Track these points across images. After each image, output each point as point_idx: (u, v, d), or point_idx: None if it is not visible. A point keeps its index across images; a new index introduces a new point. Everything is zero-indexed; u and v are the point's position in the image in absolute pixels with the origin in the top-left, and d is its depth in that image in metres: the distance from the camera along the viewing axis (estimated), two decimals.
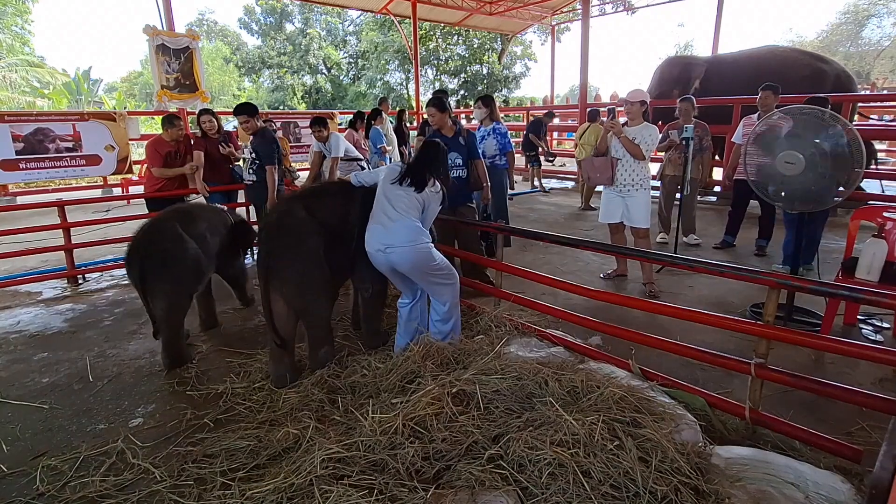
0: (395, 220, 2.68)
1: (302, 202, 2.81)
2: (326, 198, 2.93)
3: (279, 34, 27.67)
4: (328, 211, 2.83)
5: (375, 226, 2.73)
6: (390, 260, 2.67)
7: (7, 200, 8.92)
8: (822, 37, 27.06)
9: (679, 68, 8.32)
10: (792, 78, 7.05)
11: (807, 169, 2.78)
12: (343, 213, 2.88)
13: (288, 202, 2.87)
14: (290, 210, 2.77)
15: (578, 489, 1.64)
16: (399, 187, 2.76)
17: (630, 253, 3.39)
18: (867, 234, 3.22)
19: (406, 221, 2.68)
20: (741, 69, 7.56)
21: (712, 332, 3.03)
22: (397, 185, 2.76)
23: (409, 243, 2.64)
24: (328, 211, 2.83)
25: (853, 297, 1.95)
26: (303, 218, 2.73)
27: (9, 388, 2.87)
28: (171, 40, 8.25)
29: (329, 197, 2.94)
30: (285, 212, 2.78)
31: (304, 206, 2.78)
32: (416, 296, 2.97)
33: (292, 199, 2.91)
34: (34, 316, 4.02)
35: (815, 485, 1.66)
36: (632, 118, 4.02)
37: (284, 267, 2.67)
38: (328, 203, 2.88)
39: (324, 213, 2.81)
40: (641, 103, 3.98)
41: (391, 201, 2.74)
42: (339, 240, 2.81)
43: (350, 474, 1.81)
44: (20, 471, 2.16)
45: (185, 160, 5.06)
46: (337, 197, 2.94)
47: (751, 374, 2.14)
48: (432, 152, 2.89)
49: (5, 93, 15.99)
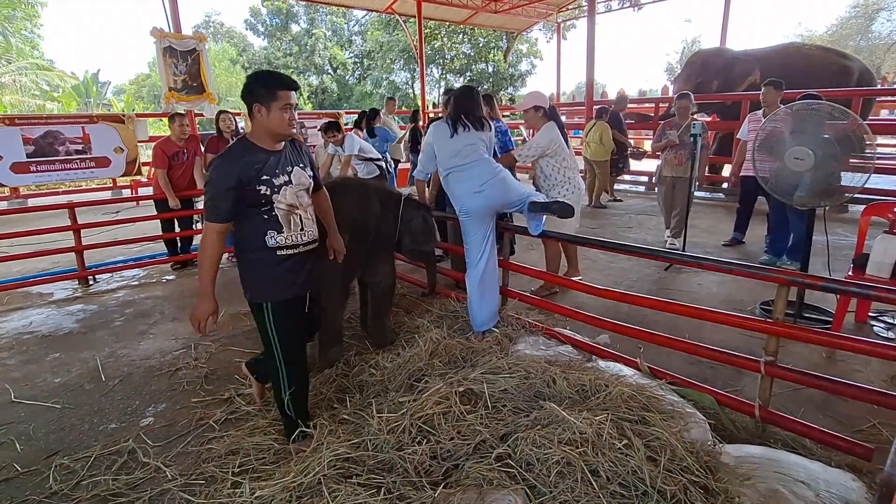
0: (476, 160, 2.91)
1: None
2: (348, 194, 2.94)
3: (285, 35, 27.78)
4: (349, 207, 2.85)
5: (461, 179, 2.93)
6: (486, 197, 2.89)
7: (18, 202, 9.01)
8: (832, 31, 26.75)
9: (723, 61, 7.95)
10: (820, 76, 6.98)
11: (817, 164, 2.75)
12: (363, 210, 2.90)
13: None
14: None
15: (587, 488, 1.64)
16: (458, 136, 2.93)
17: (637, 251, 3.36)
18: (878, 230, 3.18)
19: (481, 160, 2.93)
20: (771, 67, 7.27)
21: (721, 329, 3.01)
22: (455, 136, 2.93)
23: (493, 175, 2.92)
24: (349, 207, 2.85)
25: (864, 294, 1.93)
26: None
27: (22, 388, 2.91)
28: (178, 42, 8.30)
29: (350, 193, 2.95)
30: None
31: None
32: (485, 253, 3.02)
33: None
34: (46, 317, 4.07)
35: (826, 483, 1.64)
36: (531, 126, 3.86)
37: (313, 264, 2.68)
38: (350, 199, 2.89)
39: (345, 209, 2.82)
40: (535, 109, 3.71)
41: (460, 152, 2.93)
42: (358, 236, 2.82)
43: (359, 473, 1.82)
44: (33, 470, 2.19)
45: (192, 160, 5.11)
46: (357, 193, 2.96)
47: (761, 372, 2.12)
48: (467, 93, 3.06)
49: (16, 96, 16.17)
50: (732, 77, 7.75)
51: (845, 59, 7.46)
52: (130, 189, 10.24)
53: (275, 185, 1.98)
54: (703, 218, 6.51)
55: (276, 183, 1.98)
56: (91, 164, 9.10)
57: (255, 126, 1.99)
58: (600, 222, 6.68)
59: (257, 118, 1.96)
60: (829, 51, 7.96)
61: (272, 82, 1.95)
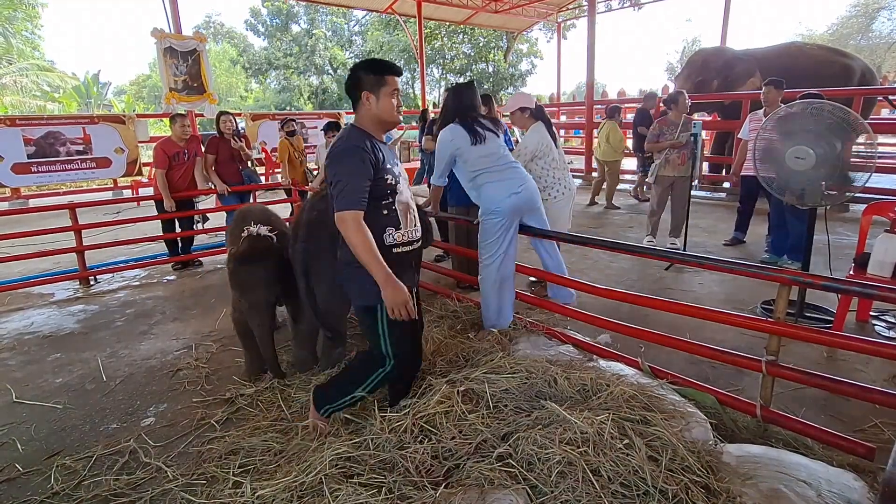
0: (511, 163, 3.00)
1: None
2: None
3: (285, 35, 27.77)
4: None
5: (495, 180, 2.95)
6: (522, 198, 2.96)
7: (20, 203, 9.02)
8: (833, 30, 26.73)
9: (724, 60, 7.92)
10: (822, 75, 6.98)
11: (819, 162, 2.75)
12: None
13: (325, 200, 2.87)
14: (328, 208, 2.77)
15: (588, 487, 1.64)
16: (485, 144, 2.95)
17: (638, 251, 3.36)
18: (880, 230, 3.18)
19: (515, 164, 3.04)
20: (771, 66, 7.27)
21: (723, 329, 3.01)
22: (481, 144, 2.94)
23: (528, 177, 3.05)
24: None
25: (865, 293, 1.93)
26: None
27: (23, 389, 2.92)
28: (178, 43, 8.32)
29: None
30: (325, 209, 2.78)
31: None
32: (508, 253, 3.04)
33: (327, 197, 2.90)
34: (47, 317, 4.07)
35: (828, 483, 1.64)
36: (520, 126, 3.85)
37: (323, 265, 2.68)
38: None
39: None
40: (521, 110, 3.71)
41: (491, 155, 2.96)
42: None
43: (360, 472, 1.82)
44: (35, 470, 2.19)
45: (193, 161, 5.11)
46: None
47: (762, 372, 2.12)
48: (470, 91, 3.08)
49: (16, 97, 16.20)
50: (733, 76, 7.73)
51: (847, 58, 7.46)
52: (131, 189, 10.26)
53: (396, 174, 1.91)
54: (703, 217, 6.51)
55: (396, 173, 1.92)
56: (92, 165, 9.12)
57: (363, 115, 1.94)
58: (601, 222, 6.68)
59: (365, 107, 1.91)
60: (830, 50, 7.96)
61: (380, 68, 1.91)
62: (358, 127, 1.95)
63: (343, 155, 1.87)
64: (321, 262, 2.65)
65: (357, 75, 1.91)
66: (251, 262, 2.66)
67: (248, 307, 2.68)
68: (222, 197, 5.37)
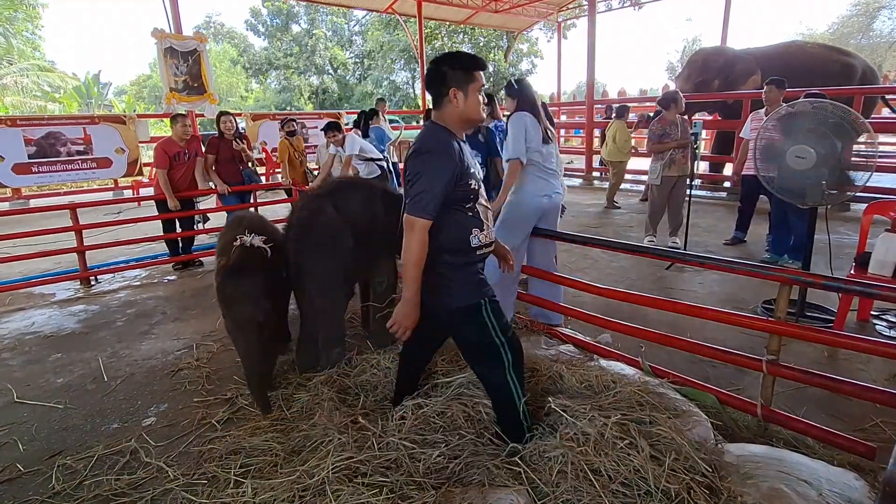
0: (556, 170, 3.20)
1: (331, 200, 2.82)
2: (354, 196, 2.94)
3: (285, 35, 27.78)
4: (356, 209, 2.85)
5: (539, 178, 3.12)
6: (552, 203, 3.16)
7: (20, 203, 9.03)
8: (833, 29, 26.70)
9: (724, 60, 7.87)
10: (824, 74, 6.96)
11: (819, 162, 2.75)
12: (369, 211, 2.90)
13: (317, 200, 2.88)
14: (321, 208, 2.77)
15: (589, 487, 1.64)
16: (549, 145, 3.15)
17: (639, 251, 3.36)
18: (880, 229, 3.17)
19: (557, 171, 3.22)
20: (772, 65, 7.23)
21: (723, 328, 3.01)
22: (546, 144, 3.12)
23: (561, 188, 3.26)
24: (356, 209, 2.85)
25: (866, 293, 1.93)
26: (333, 217, 2.75)
27: (24, 389, 2.92)
28: (178, 43, 8.32)
29: (356, 195, 2.95)
30: (317, 210, 2.78)
31: (333, 204, 2.80)
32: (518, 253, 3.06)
33: (321, 196, 2.90)
34: (48, 317, 4.07)
35: (829, 482, 1.64)
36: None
37: (314, 264, 2.69)
38: (356, 201, 2.90)
39: (352, 211, 2.83)
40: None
41: (550, 157, 3.16)
42: (363, 238, 2.82)
43: (363, 473, 1.82)
44: (36, 470, 2.19)
45: (194, 161, 5.12)
46: (363, 195, 2.96)
47: (763, 371, 2.12)
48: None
49: (17, 97, 16.22)
50: (734, 76, 7.71)
51: (848, 57, 7.44)
52: (132, 189, 10.26)
53: (478, 179, 1.85)
54: (704, 217, 6.50)
55: (479, 177, 1.85)
56: (93, 165, 9.13)
57: (448, 113, 1.81)
58: (601, 221, 6.68)
59: (452, 104, 1.79)
60: (831, 49, 7.94)
61: (469, 63, 1.79)
62: (443, 125, 1.83)
63: (432, 156, 1.76)
64: (312, 262, 2.66)
65: (442, 70, 1.78)
66: (239, 275, 2.42)
67: (233, 326, 2.43)
68: (223, 197, 5.38)
